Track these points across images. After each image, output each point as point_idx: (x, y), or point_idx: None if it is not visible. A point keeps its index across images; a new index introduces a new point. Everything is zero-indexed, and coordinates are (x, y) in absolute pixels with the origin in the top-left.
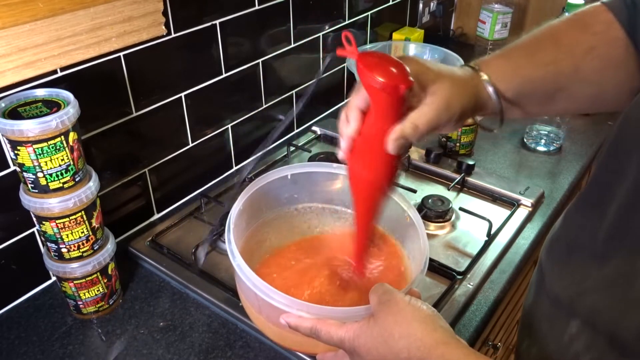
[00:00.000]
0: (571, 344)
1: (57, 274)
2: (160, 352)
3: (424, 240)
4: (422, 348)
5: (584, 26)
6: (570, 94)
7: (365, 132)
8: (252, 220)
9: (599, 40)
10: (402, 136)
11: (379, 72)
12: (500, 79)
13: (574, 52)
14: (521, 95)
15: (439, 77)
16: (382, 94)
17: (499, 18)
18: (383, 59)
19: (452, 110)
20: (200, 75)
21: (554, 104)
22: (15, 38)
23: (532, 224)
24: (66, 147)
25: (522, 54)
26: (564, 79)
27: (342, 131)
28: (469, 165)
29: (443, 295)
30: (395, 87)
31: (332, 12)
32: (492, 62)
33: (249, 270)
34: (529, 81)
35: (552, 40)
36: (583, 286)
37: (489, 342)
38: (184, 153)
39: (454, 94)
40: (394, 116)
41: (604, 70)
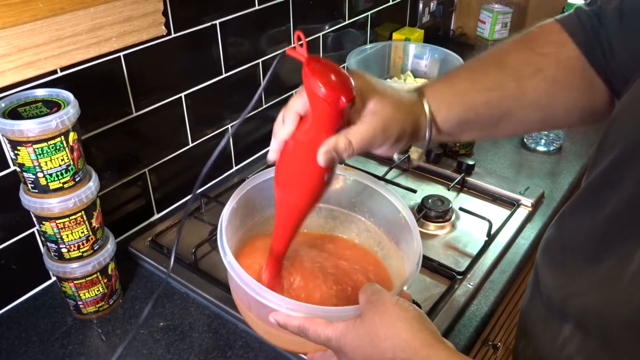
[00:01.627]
0: (564, 346)
1: (57, 274)
2: (160, 352)
3: (418, 242)
4: (407, 349)
5: (533, 47)
6: (516, 119)
7: (298, 138)
8: (246, 219)
9: (547, 62)
10: (335, 149)
11: (323, 80)
12: (441, 106)
13: (519, 74)
14: (463, 122)
15: (383, 97)
16: (323, 103)
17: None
18: (331, 68)
19: (389, 134)
20: (200, 75)
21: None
22: (15, 38)
23: (532, 224)
24: (66, 147)
25: (465, 79)
26: (509, 104)
27: (275, 131)
28: (469, 165)
29: (443, 295)
30: (337, 98)
31: (332, 12)
32: (435, 88)
33: (240, 267)
34: (472, 107)
35: (497, 64)
36: (574, 288)
37: (489, 342)
38: (184, 153)
39: (394, 117)
40: (331, 127)
41: (552, 93)
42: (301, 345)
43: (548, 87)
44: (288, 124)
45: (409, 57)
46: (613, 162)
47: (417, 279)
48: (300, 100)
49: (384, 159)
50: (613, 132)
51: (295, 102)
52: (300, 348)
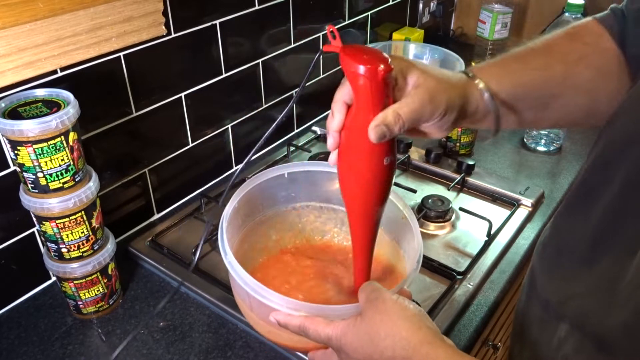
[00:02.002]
0: (560, 347)
1: (57, 274)
2: (160, 352)
3: (419, 240)
4: (407, 347)
5: (576, 37)
6: (563, 102)
7: (349, 125)
8: (248, 219)
9: (589, 50)
10: (384, 123)
11: (359, 59)
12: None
13: (565, 59)
14: (514, 99)
15: (424, 72)
16: (363, 79)
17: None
18: (366, 50)
19: (436, 103)
20: (200, 75)
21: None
22: (15, 38)
23: (532, 224)
24: (66, 147)
25: (514, 61)
26: (555, 85)
27: (328, 127)
28: (469, 165)
29: (443, 295)
30: (375, 70)
31: (332, 12)
32: (484, 68)
33: (240, 267)
34: (521, 84)
35: (544, 49)
36: (571, 290)
37: (489, 342)
38: (184, 153)
39: (439, 88)
40: (376, 104)
41: (596, 79)
42: (303, 344)
43: (592, 73)
44: (337, 114)
45: (409, 57)
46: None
47: (417, 279)
48: (344, 89)
49: None
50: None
51: (339, 93)
52: (301, 347)
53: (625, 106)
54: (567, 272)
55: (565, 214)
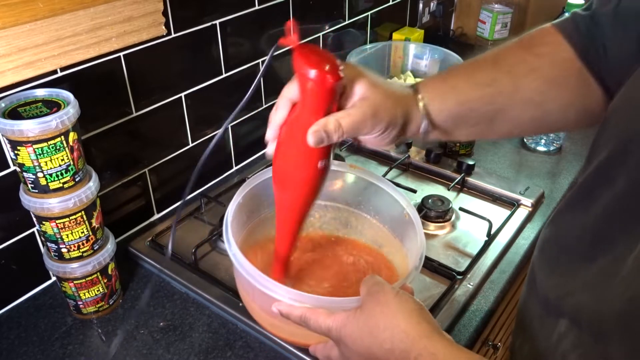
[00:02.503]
0: (559, 343)
1: (57, 274)
2: (160, 352)
3: (421, 238)
4: (406, 340)
5: (529, 48)
6: (511, 116)
7: (290, 123)
8: (253, 215)
9: (542, 61)
10: (324, 129)
11: (311, 61)
12: (435, 99)
13: (514, 72)
14: (458, 116)
15: (374, 85)
16: (311, 83)
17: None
18: (320, 53)
19: (379, 119)
20: (200, 75)
21: (495, 126)
22: (15, 38)
23: (532, 224)
24: (66, 147)
25: (460, 75)
26: (503, 99)
27: (270, 119)
28: (469, 165)
29: (443, 295)
30: (324, 77)
31: (332, 12)
32: (429, 83)
33: (244, 259)
34: (465, 102)
35: (492, 62)
36: (570, 286)
37: (489, 342)
38: (184, 153)
39: (384, 104)
40: (320, 108)
41: (547, 91)
42: (304, 337)
43: (542, 85)
44: (280, 109)
45: (409, 57)
46: (605, 160)
47: (418, 279)
48: (292, 87)
49: (384, 159)
50: (606, 130)
51: (287, 89)
52: (302, 340)
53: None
54: (565, 269)
55: (565, 212)
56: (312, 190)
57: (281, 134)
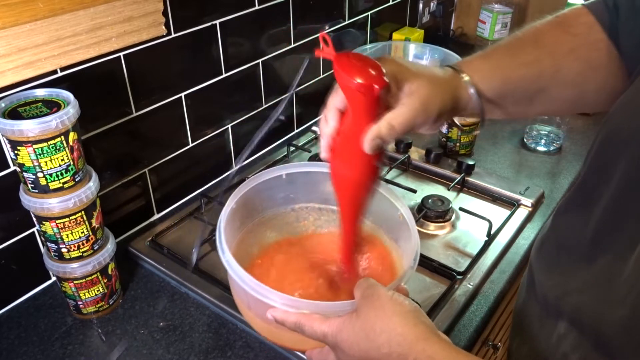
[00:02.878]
0: (559, 344)
1: (57, 274)
2: (160, 352)
3: (415, 238)
4: (403, 343)
5: (566, 27)
6: (551, 95)
7: (343, 132)
8: (246, 220)
9: (579, 42)
10: (378, 136)
11: (354, 72)
12: (480, 79)
13: (555, 53)
14: (502, 95)
15: (417, 77)
16: (358, 94)
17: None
18: (359, 60)
19: (430, 111)
20: (200, 75)
21: (534, 104)
22: (15, 38)
23: (532, 224)
24: (66, 147)
25: (503, 55)
26: (544, 80)
27: (321, 131)
28: (469, 165)
29: (443, 295)
30: (370, 87)
31: (332, 12)
32: (473, 62)
33: (238, 266)
34: (510, 81)
35: (534, 41)
36: (569, 286)
37: (489, 342)
38: (184, 153)
39: (432, 94)
40: (371, 116)
41: (585, 72)
42: (300, 342)
43: (581, 66)
44: (331, 120)
45: (409, 57)
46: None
47: (417, 279)
48: (337, 97)
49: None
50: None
51: (333, 100)
52: (299, 346)
53: (623, 104)
54: (565, 269)
55: (564, 212)
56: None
57: (335, 144)
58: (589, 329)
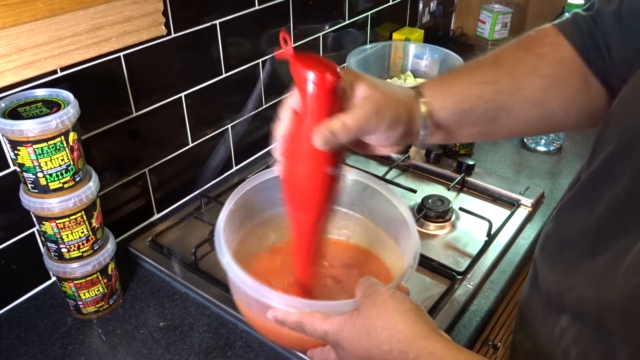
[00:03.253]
0: (561, 338)
1: (57, 274)
2: (160, 352)
3: (415, 237)
4: (404, 340)
5: (529, 48)
6: (513, 116)
7: (295, 131)
8: (246, 220)
9: (543, 61)
10: (329, 129)
11: (308, 65)
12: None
13: (514, 72)
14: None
15: (373, 85)
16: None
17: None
18: (316, 58)
19: (382, 116)
20: (200, 75)
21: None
22: (15, 38)
23: (532, 224)
24: (66, 147)
25: (461, 75)
26: (504, 98)
27: (274, 133)
28: (469, 165)
29: (443, 295)
30: (323, 77)
31: (332, 12)
32: (429, 83)
33: (237, 267)
34: (466, 99)
35: (493, 62)
36: (572, 281)
37: (489, 342)
38: (184, 153)
39: (386, 102)
40: (323, 112)
41: (549, 90)
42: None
43: (543, 84)
44: (283, 119)
45: (409, 57)
46: (609, 157)
47: (417, 279)
48: (292, 97)
49: (384, 159)
50: (610, 127)
51: (289, 99)
52: (300, 345)
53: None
54: (568, 265)
55: (568, 209)
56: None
57: (287, 145)
58: (590, 322)
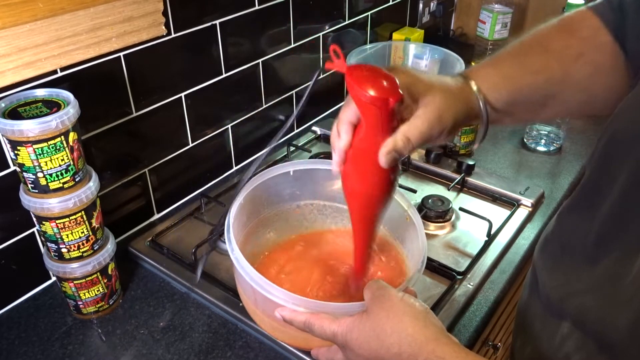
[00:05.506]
0: (562, 345)
1: (57, 274)
2: (160, 352)
3: (423, 240)
4: (413, 344)
5: (572, 31)
6: (560, 100)
7: (357, 146)
8: (253, 216)
9: (587, 45)
10: (394, 149)
11: (368, 85)
12: (490, 88)
13: (563, 58)
14: (512, 104)
15: (431, 88)
16: (372, 108)
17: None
18: (372, 72)
19: (445, 122)
20: (200, 75)
21: (544, 110)
22: (15, 38)
23: (532, 224)
24: (66, 147)
25: (512, 62)
26: (554, 86)
27: (334, 145)
28: (469, 165)
29: (443, 295)
30: (385, 100)
31: (332, 12)
32: (481, 71)
33: (247, 263)
34: (519, 90)
35: (541, 47)
36: (573, 287)
37: (489, 342)
38: (184, 153)
39: (446, 105)
40: (386, 129)
41: (594, 76)
42: (306, 340)
43: (590, 70)
44: (344, 135)
45: (409, 57)
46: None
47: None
48: (350, 110)
49: None
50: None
51: (345, 113)
52: (305, 344)
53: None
54: (568, 269)
55: (568, 212)
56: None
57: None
58: (592, 331)
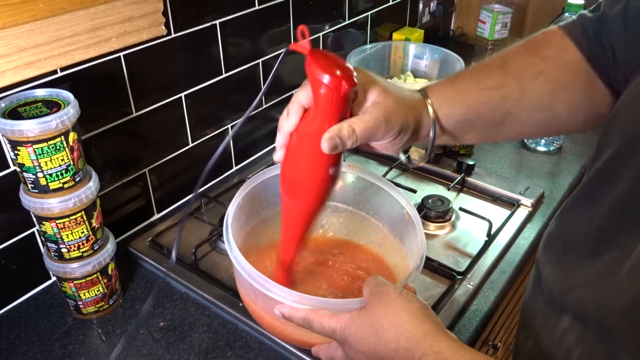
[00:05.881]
0: (563, 339)
1: (57, 274)
2: (160, 352)
3: (421, 237)
4: (411, 339)
5: (535, 51)
6: (520, 120)
7: (302, 129)
8: (252, 216)
9: (548, 64)
10: (338, 135)
11: (326, 66)
12: (445, 101)
13: (520, 76)
14: (468, 121)
15: (385, 92)
16: (326, 89)
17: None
18: (333, 59)
19: (391, 124)
20: (200, 75)
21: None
22: (15, 38)
23: (532, 224)
24: (66, 147)
25: (469, 79)
26: (511, 103)
27: (280, 125)
28: (469, 165)
29: (443, 295)
30: (339, 83)
31: (332, 12)
32: (437, 87)
33: (245, 261)
34: (475, 107)
35: (500, 66)
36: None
37: (489, 342)
38: (184, 153)
39: (396, 110)
40: (334, 115)
41: (555, 94)
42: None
43: (549, 88)
44: (292, 115)
45: (409, 57)
46: (612, 157)
47: (418, 279)
48: (304, 92)
49: (384, 159)
50: (613, 127)
51: (299, 94)
52: (304, 341)
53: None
54: (570, 265)
55: (571, 208)
56: (322, 197)
57: (292, 140)
58: (592, 322)
